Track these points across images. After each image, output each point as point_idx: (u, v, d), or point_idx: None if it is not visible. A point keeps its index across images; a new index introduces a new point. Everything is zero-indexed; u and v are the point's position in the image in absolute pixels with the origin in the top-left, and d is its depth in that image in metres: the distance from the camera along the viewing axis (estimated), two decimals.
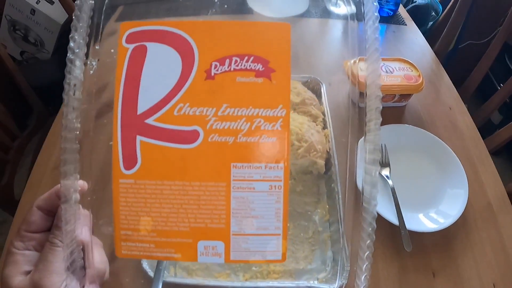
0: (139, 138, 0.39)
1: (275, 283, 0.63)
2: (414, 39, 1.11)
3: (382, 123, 0.82)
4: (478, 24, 1.39)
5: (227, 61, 0.39)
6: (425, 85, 0.84)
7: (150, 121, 0.39)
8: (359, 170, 0.78)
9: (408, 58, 0.89)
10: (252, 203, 0.40)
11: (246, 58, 0.38)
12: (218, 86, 0.39)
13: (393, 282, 0.67)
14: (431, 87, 0.93)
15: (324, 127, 0.78)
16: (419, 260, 0.69)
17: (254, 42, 0.39)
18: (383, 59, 0.86)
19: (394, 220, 0.70)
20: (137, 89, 0.39)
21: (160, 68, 0.39)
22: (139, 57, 0.39)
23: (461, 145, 0.83)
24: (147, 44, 0.39)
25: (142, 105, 0.39)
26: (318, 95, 0.83)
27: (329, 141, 0.75)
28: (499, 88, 1.13)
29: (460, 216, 0.71)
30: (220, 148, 0.38)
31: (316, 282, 0.66)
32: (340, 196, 0.69)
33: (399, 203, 0.72)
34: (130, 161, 0.39)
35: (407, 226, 0.69)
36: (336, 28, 1.08)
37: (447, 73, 1.00)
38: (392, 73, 0.83)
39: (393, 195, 0.72)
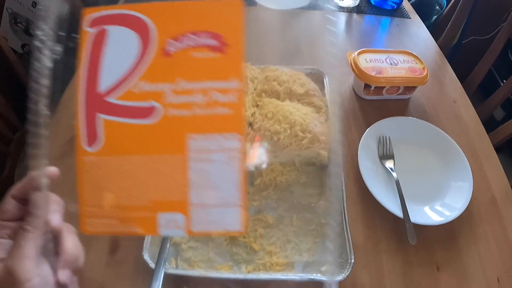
0: (100, 116, 0.40)
1: (278, 275, 0.62)
2: (418, 33, 1.10)
3: (386, 115, 0.82)
4: (481, 19, 1.38)
5: (183, 38, 0.40)
6: (429, 77, 0.83)
7: (111, 99, 0.40)
8: (362, 161, 0.78)
9: (412, 51, 0.89)
10: (210, 174, 0.40)
11: (200, 34, 0.40)
12: (175, 63, 0.40)
13: (397, 275, 0.66)
14: (435, 80, 0.92)
15: (327, 119, 0.77)
16: (424, 253, 0.68)
17: (208, 19, 0.41)
18: (387, 51, 0.85)
19: (398, 212, 0.68)
20: (98, 70, 0.41)
21: (120, 49, 0.41)
22: (100, 40, 0.41)
23: (465, 138, 0.82)
24: (108, 27, 0.41)
25: (103, 85, 0.41)
26: (321, 87, 0.82)
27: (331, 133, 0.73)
28: (502, 84, 1.12)
29: (465, 210, 0.70)
30: (177, 121, 0.40)
31: (319, 274, 0.65)
32: (343, 188, 0.68)
33: (404, 196, 0.70)
34: (92, 139, 0.40)
35: (411, 219, 0.68)
36: (340, 20, 1.07)
37: None
38: (396, 65, 0.82)
39: (397, 188, 0.71)
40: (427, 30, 1.10)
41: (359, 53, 0.84)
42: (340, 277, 0.60)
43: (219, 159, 0.40)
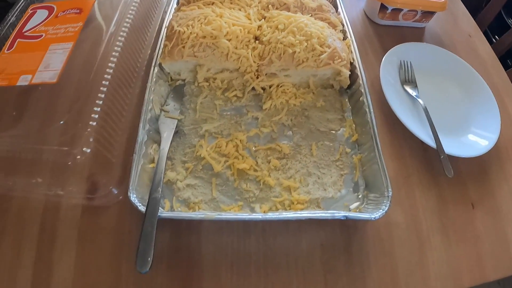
0: None
1: (304, 213, 0.49)
2: None
3: (402, 42, 0.72)
4: None
5: None
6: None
7: None
8: (386, 84, 0.68)
9: None
10: None
11: None
12: None
13: (432, 213, 0.57)
14: (448, 13, 0.83)
15: (344, 37, 0.66)
16: (457, 189, 0.59)
17: None
18: None
19: (430, 142, 0.59)
20: None
21: None
22: None
23: (484, 72, 0.74)
24: None
25: None
26: (334, 6, 0.71)
27: (352, 51, 0.62)
28: (494, 41, 1.09)
29: (493, 146, 0.63)
30: None
31: (352, 212, 0.54)
32: (371, 109, 0.57)
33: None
34: None
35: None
36: None
37: None
38: None
39: (426, 115, 0.62)
40: None
41: None
42: (378, 214, 0.49)
43: None
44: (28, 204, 0.54)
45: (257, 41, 0.59)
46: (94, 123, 0.50)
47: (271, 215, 0.48)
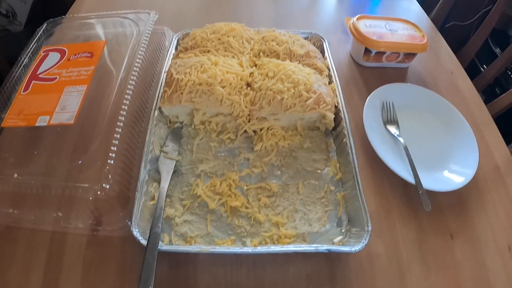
0: None
1: (291, 247, 0.55)
2: (410, 6, 1.09)
3: (386, 82, 0.78)
4: (462, 5, 1.41)
5: None
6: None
7: None
8: (368, 125, 0.73)
9: None
10: None
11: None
12: None
13: (412, 243, 0.61)
14: (431, 52, 0.89)
15: (330, 82, 0.71)
16: (436, 221, 0.64)
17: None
18: (386, 18, 0.82)
19: (409, 178, 0.64)
20: None
21: None
22: None
23: (465, 108, 0.79)
24: None
25: None
26: (320, 52, 0.77)
27: (336, 95, 0.68)
28: (482, 70, 1.14)
29: (472, 178, 0.67)
30: None
31: (334, 245, 0.59)
32: (353, 151, 0.62)
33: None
34: None
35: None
36: None
37: None
38: (396, 31, 0.79)
39: (406, 153, 0.67)
40: (418, 4, 1.09)
41: (358, 18, 0.80)
42: (358, 247, 0.54)
43: None
44: (37, 234, 0.59)
45: (249, 88, 0.65)
46: (112, 162, 0.56)
47: (260, 249, 0.53)
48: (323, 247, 0.54)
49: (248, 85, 0.66)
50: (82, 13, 0.79)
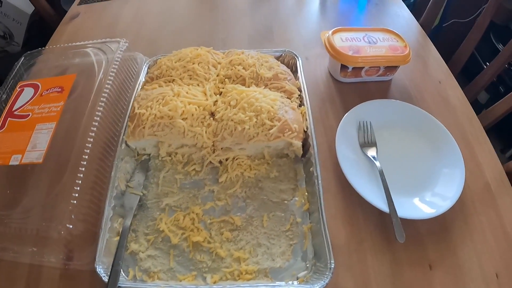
0: None
1: (246, 286, 0.51)
2: (398, 12, 0.99)
3: (366, 99, 0.70)
4: (462, 1, 1.28)
5: None
6: (412, 58, 0.72)
7: None
8: (341, 150, 0.67)
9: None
10: None
11: None
12: None
13: (385, 277, 0.55)
14: (418, 60, 0.81)
15: (301, 104, 0.65)
16: (414, 251, 0.57)
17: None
18: (364, 29, 0.74)
19: (383, 206, 0.58)
20: None
21: None
22: None
23: (453, 121, 0.71)
24: None
25: None
26: (294, 71, 0.71)
27: (306, 119, 0.62)
28: (485, 67, 1.02)
29: (457, 200, 0.59)
30: None
31: (296, 282, 0.54)
32: (320, 181, 0.56)
33: (389, 187, 0.59)
34: None
35: (398, 213, 0.57)
36: (313, 1, 0.95)
37: None
38: (375, 43, 0.71)
39: (381, 178, 0.60)
40: (407, 9, 0.98)
41: (333, 32, 0.72)
42: (318, 286, 0.49)
43: None
44: (17, 266, 0.59)
45: (211, 118, 0.61)
46: (74, 201, 0.54)
47: (215, 287, 0.50)
48: (280, 287, 0.49)
49: (212, 114, 0.61)
50: (62, 43, 0.77)
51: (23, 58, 0.74)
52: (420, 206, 0.60)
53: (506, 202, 0.63)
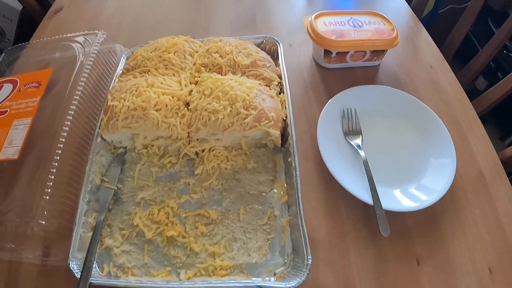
0: None
1: (218, 282, 0.47)
2: None
3: (352, 85, 0.65)
4: None
5: None
6: (401, 41, 0.66)
7: None
8: (322, 139, 0.62)
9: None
10: None
11: None
12: None
13: (368, 272, 0.51)
14: (408, 44, 0.74)
15: (281, 92, 0.60)
16: (400, 245, 0.53)
17: None
18: (349, 13, 0.68)
19: (367, 198, 0.52)
20: None
21: None
22: None
23: (445, 107, 0.65)
24: None
25: None
26: (276, 57, 0.65)
27: (285, 108, 0.57)
28: (480, 48, 0.95)
29: (448, 190, 0.54)
30: None
31: (273, 279, 0.49)
32: (297, 172, 0.52)
33: (373, 178, 0.54)
34: None
35: (383, 205, 0.52)
36: None
37: None
38: (360, 27, 0.65)
39: (365, 169, 0.55)
40: None
41: (316, 16, 0.67)
42: (293, 283, 0.44)
43: None
44: None
45: (186, 108, 0.56)
46: (47, 197, 0.51)
47: (188, 284, 0.46)
48: (254, 284, 0.45)
49: (187, 104, 0.57)
50: (46, 37, 0.73)
51: (3, 54, 0.71)
52: (406, 198, 0.55)
53: (500, 192, 0.58)
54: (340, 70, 0.69)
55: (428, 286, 0.50)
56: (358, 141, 0.59)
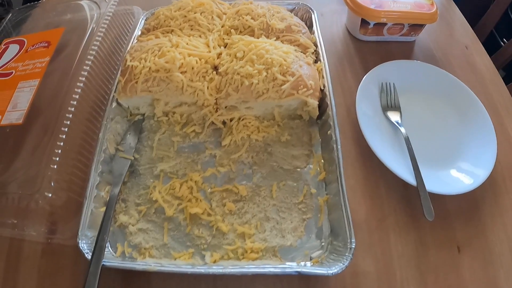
0: None
1: (251, 268, 0.39)
2: None
3: (388, 59, 0.56)
4: None
5: None
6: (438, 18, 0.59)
7: None
8: (362, 112, 0.53)
9: None
10: None
11: None
12: None
13: (409, 260, 0.44)
14: (442, 23, 0.67)
15: (317, 60, 0.52)
16: (441, 231, 0.46)
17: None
18: None
19: (410, 179, 0.45)
20: None
21: None
22: None
23: (482, 90, 0.58)
24: None
25: None
26: (309, 26, 0.57)
27: (323, 77, 0.49)
28: (502, 44, 0.88)
29: (487, 176, 0.47)
30: None
31: (309, 263, 0.42)
32: (339, 146, 0.44)
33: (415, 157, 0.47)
34: None
35: (427, 187, 0.45)
36: None
37: None
38: None
39: (407, 147, 0.48)
40: None
41: None
42: (336, 269, 0.37)
43: None
44: None
45: (215, 72, 0.47)
46: (55, 166, 0.42)
47: (216, 269, 0.38)
48: (292, 269, 0.38)
49: (215, 68, 0.48)
50: None
51: (10, 14, 0.61)
52: (449, 180, 0.48)
53: None
54: (375, 43, 0.61)
55: (468, 276, 0.43)
56: (397, 117, 0.51)
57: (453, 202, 0.48)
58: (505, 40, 0.98)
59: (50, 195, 0.42)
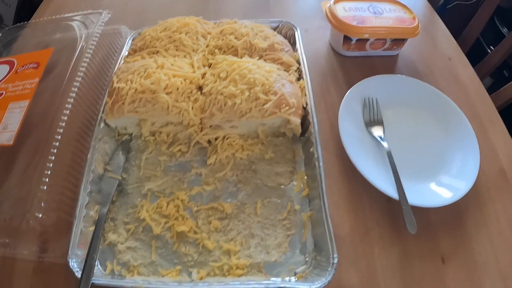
0: None
1: (236, 284, 0.39)
2: None
3: (371, 75, 0.57)
4: None
5: None
6: (420, 31, 0.59)
7: None
8: (344, 128, 0.54)
9: None
10: None
11: None
12: None
13: (393, 271, 0.44)
14: (426, 35, 0.67)
15: (300, 78, 0.53)
16: (425, 243, 0.46)
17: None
18: (369, 0, 0.61)
19: (392, 192, 0.45)
20: None
21: None
22: None
23: (465, 100, 0.58)
24: None
25: None
26: (292, 43, 0.58)
27: (305, 94, 0.49)
28: (489, 51, 0.88)
29: (471, 186, 0.47)
30: None
31: (293, 278, 0.42)
32: (321, 163, 0.44)
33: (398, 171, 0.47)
34: None
35: (409, 200, 0.45)
36: None
37: None
38: (381, 14, 0.58)
39: (389, 161, 0.48)
40: None
41: (336, 1, 0.59)
42: (318, 284, 0.37)
43: None
44: None
45: (199, 92, 0.48)
46: (45, 187, 0.43)
47: (203, 285, 0.39)
48: (275, 285, 0.38)
49: (200, 88, 0.49)
50: (46, 16, 0.63)
51: (0, 34, 0.61)
52: (432, 193, 0.48)
53: None
54: (358, 58, 0.62)
55: (453, 286, 0.43)
56: (380, 132, 0.51)
57: (437, 213, 0.48)
58: (492, 47, 0.98)
59: (40, 215, 0.42)
